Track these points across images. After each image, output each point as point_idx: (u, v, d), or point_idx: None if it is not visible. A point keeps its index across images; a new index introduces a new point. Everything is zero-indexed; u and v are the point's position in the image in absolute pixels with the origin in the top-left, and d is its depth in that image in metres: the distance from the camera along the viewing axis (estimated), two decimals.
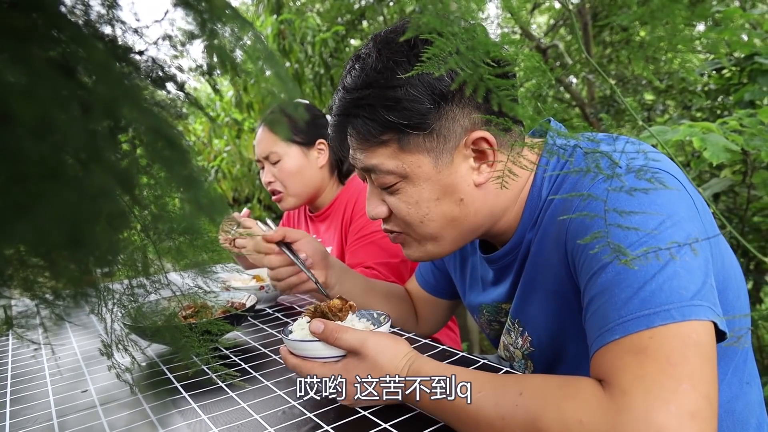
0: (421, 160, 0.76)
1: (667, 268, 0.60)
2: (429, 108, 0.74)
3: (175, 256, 0.49)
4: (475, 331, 3.60)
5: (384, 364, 0.71)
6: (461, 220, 0.81)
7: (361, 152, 0.80)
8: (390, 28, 0.79)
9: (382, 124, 0.75)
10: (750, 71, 2.17)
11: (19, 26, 0.18)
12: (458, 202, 0.79)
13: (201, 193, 0.24)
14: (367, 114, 0.76)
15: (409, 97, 0.73)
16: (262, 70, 0.35)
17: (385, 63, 0.75)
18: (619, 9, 3.99)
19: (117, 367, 0.59)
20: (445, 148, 0.76)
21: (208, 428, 0.71)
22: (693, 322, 0.57)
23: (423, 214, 0.80)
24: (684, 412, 0.51)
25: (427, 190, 0.78)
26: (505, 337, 0.96)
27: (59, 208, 0.18)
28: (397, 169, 0.77)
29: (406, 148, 0.76)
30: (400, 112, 0.74)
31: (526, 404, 0.59)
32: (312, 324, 0.75)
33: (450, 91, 0.74)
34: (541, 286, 0.83)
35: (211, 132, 4.50)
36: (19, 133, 0.16)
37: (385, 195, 0.82)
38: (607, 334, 0.60)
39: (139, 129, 0.24)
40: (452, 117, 0.75)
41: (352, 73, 0.78)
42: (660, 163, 0.73)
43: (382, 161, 0.78)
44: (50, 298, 0.34)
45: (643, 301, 0.59)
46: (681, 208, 0.66)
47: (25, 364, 1.02)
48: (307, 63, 3.72)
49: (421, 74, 0.73)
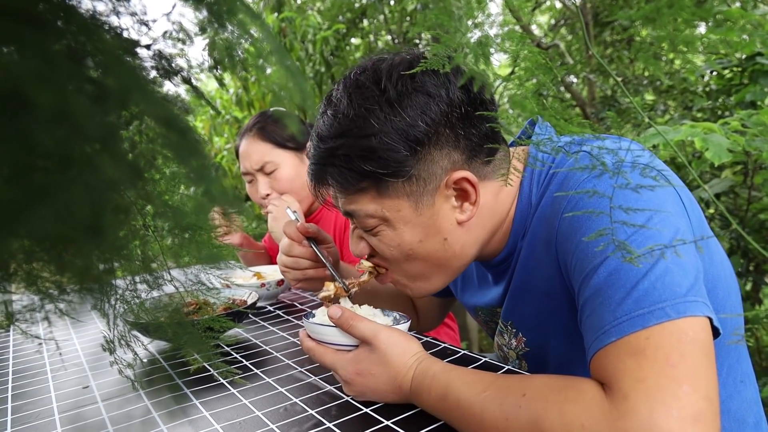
0: (401, 205, 0.75)
1: (658, 264, 0.59)
2: (405, 155, 0.72)
3: (179, 251, 0.49)
4: (474, 330, 3.61)
5: (393, 359, 0.72)
6: (448, 259, 0.80)
7: (340, 198, 0.79)
8: (359, 69, 0.77)
9: (358, 173, 0.74)
10: (751, 72, 2.17)
11: (29, 13, 0.18)
12: (442, 242, 0.78)
13: (212, 185, 0.24)
14: (343, 164, 0.74)
15: (384, 146, 0.72)
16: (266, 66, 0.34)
17: (357, 110, 0.73)
18: (621, 9, 3.99)
19: (119, 363, 0.59)
20: (425, 190, 0.75)
21: (209, 425, 0.71)
22: (689, 318, 0.57)
23: (405, 255, 0.79)
24: (687, 416, 0.51)
25: (408, 233, 0.77)
26: (498, 338, 0.96)
27: (70, 200, 0.18)
28: (376, 213, 0.76)
29: (385, 193, 0.75)
30: (377, 162, 0.72)
31: (529, 406, 0.59)
32: (331, 309, 0.75)
33: (425, 135, 0.72)
34: (533, 287, 0.82)
35: (211, 129, 4.49)
36: (33, 122, 0.16)
37: (367, 236, 0.81)
38: (603, 336, 0.59)
39: (150, 121, 0.24)
40: (431, 160, 0.74)
41: (324, 120, 0.76)
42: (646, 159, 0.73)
43: (361, 207, 0.77)
44: (54, 293, 0.34)
45: (636, 301, 0.58)
46: (667, 203, 0.66)
47: (27, 360, 1.02)
48: (307, 61, 3.72)
49: (394, 121, 0.72)
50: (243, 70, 0.36)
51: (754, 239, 2.21)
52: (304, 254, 1.07)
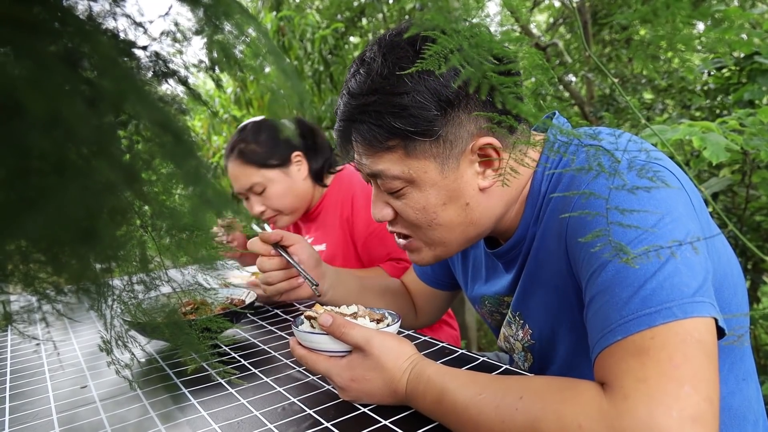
0: (428, 166, 0.76)
1: (667, 265, 0.59)
2: (436, 115, 0.73)
3: (176, 252, 0.49)
4: (472, 329, 3.61)
5: (387, 364, 0.71)
6: (467, 225, 0.81)
7: (366, 157, 0.79)
8: (394, 31, 0.78)
9: (388, 130, 0.75)
10: (749, 71, 2.17)
11: (24, 18, 0.18)
12: (464, 206, 0.79)
13: (207, 187, 0.24)
14: (372, 120, 0.75)
15: (415, 104, 0.73)
16: (263, 66, 0.34)
17: (391, 69, 0.74)
18: (619, 8, 3.99)
19: (116, 364, 0.59)
20: (451, 153, 0.76)
21: (207, 424, 0.71)
22: (695, 319, 0.57)
23: (430, 219, 0.79)
24: (686, 416, 0.51)
25: (434, 195, 0.78)
26: (505, 329, 0.96)
27: (66, 203, 0.18)
28: (403, 174, 0.77)
29: (413, 153, 0.76)
30: (407, 119, 0.73)
31: (526, 408, 0.58)
32: (321, 317, 0.75)
33: (456, 97, 0.73)
34: (543, 281, 0.83)
35: (210, 128, 4.49)
36: (28, 126, 0.16)
37: (391, 199, 0.82)
38: (609, 335, 0.60)
39: (145, 123, 0.24)
40: (459, 122, 0.75)
41: (357, 78, 0.77)
42: (661, 161, 0.73)
43: (388, 167, 0.77)
44: (52, 294, 0.34)
45: (644, 300, 0.58)
46: (679, 205, 0.66)
47: (25, 360, 1.02)
48: (306, 60, 3.72)
49: (428, 80, 0.73)
50: (240, 71, 0.36)
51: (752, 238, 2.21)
52: (274, 266, 1.08)
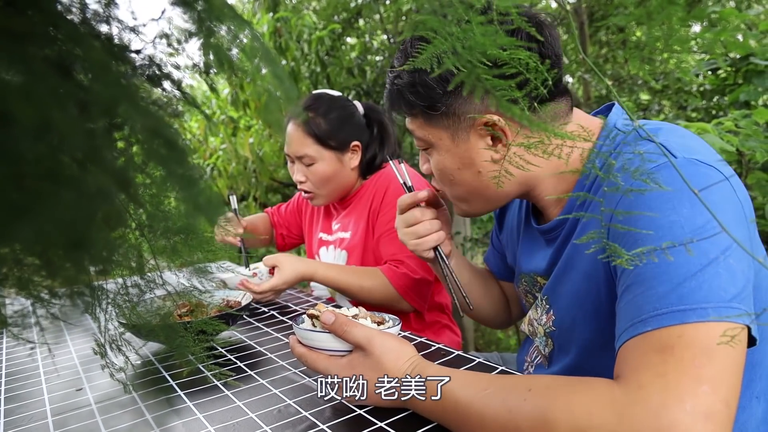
0: (441, 135, 0.85)
1: (709, 267, 0.59)
2: (439, 93, 0.81)
3: (171, 255, 0.49)
4: (470, 330, 3.61)
5: (387, 364, 0.72)
6: (483, 189, 0.87)
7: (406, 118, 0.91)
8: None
9: (408, 103, 0.86)
10: (745, 72, 2.18)
11: (15, 25, 0.18)
12: (477, 174, 0.85)
13: (198, 192, 0.24)
14: (400, 95, 0.87)
15: (422, 83, 0.82)
16: (258, 69, 0.34)
17: (410, 53, 0.84)
18: (616, 9, 4.00)
19: (110, 367, 0.59)
20: (460, 126, 0.83)
21: (203, 427, 0.71)
22: (727, 324, 0.56)
23: (449, 179, 0.88)
24: (699, 411, 0.50)
25: (449, 160, 0.86)
26: (532, 311, 0.97)
27: (58, 209, 0.18)
28: (424, 137, 0.88)
29: (429, 122, 0.86)
30: (417, 95, 0.84)
31: (535, 398, 0.58)
32: (324, 315, 0.76)
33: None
34: (577, 266, 0.82)
35: (206, 130, 4.48)
36: (18, 134, 0.16)
37: (426, 155, 0.93)
38: (639, 324, 0.59)
39: (136, 128, 0.24)
40: (464, 100, 0.81)
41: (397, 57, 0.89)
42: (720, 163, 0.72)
43: (414, 129, 0.89)
44: (46, 298, 0.34)
45: (680, 297, 0.58)
46: (729, 211, 0.65)
47: (19, 363, 1.02)
48: (303, 61, 3.71)
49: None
50: (234, 74, 0.36)
51: None
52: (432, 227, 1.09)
